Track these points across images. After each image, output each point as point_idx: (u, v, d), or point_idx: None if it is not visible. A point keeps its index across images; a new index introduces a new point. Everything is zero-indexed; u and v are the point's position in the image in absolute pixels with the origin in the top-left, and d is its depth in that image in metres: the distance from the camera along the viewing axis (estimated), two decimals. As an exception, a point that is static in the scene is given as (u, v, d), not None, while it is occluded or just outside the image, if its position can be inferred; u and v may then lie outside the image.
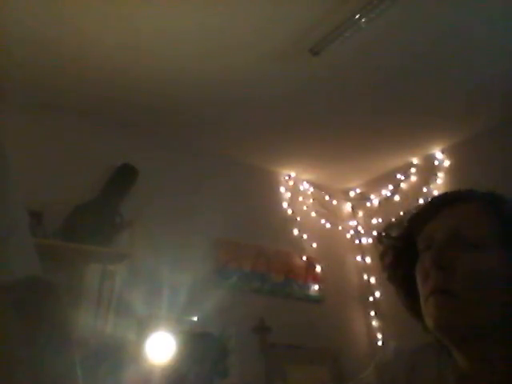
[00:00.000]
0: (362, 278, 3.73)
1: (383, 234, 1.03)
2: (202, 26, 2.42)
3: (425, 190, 3.50)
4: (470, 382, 0.88)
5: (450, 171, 3.46)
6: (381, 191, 3.78)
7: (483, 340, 0.85)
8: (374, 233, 3.71)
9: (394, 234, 1.02)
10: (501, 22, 2.50)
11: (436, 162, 3.52)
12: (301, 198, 3.78)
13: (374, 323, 3.59)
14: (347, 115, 3.16)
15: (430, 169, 3.54)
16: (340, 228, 3.86)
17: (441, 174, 3.48)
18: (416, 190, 3.55)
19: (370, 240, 3.77)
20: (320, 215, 3.80)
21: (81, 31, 2.41)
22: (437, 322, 0.86)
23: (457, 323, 0.85)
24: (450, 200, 0.96)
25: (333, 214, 3.86)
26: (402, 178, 3.68)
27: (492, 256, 0.87)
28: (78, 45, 2.48)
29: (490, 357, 0.85)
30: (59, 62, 2.58)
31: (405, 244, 0.99)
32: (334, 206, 3.92)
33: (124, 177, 2.88)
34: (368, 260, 3.75)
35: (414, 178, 3.63)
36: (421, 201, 3.44)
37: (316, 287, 3.52)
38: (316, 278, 3.55)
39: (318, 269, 3.59)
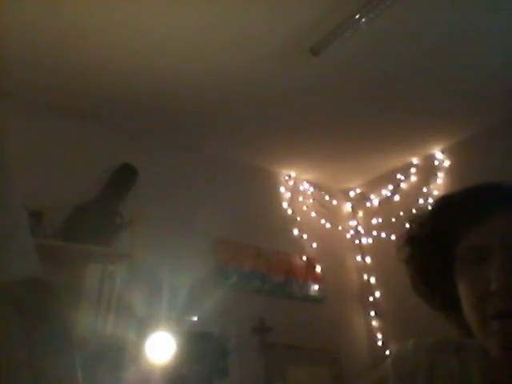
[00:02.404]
0: (362, 277, 3.73)
1: (411, 234, 0.95)
2: (202, 26, 2.42)
3: (425, 190, 3.50)
4: (499, 372, 0.86)
5: (450, 171, 3.46)
6: (381, 191, 3.78)
7: None
8: (375, 233, 3.71)
9: (421, 233, 0.93)
10: (500, 22, 2.50)
11: (436, 162, 3.52)
12: (301, 198, 3.78)
13: (374, 323, 3.59)
14: (347, 115, 3.16)
15: (430, 169, 3.54)
16: (340, 228, 3.86)
17: (441, 174, 3.48)
18: (416, 190, 3.55)
19: (370, 240, 3.77)
20: (320, 215, 3.80)
21: (81, 32, 2.41)
22: (505, 347, 0.81)
23: None
24: (498, 203, 0.86)
25: (333, 214, 3.86)
26: (402, 178, 3.68)
27: None
28: (77, 45, 2.48)
29: None
30: (59, 62, 2.58)
31: (436, 245, 0.91)
32: (334, 206, 3.92)
33: (124, 177, 2.88)
34: (368, 260, 3.75)
35: (414, 178, 3.63)
36: (421, 201, 3.44)
37: (316, 287, 3.52)
38: (316, 278, 3.55)
39: (318, 269, 3.59)
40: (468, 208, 0.87)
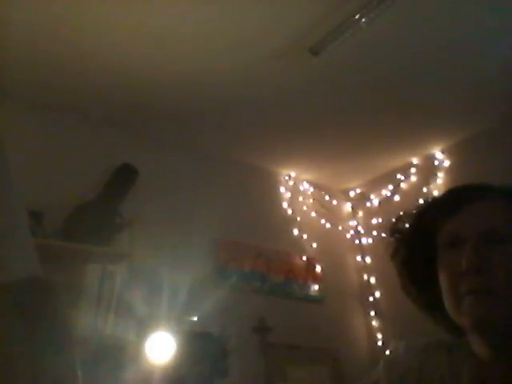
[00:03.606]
0: (362, 277, 3.73)
1: (395, 228, 1.02)
2: (202, 26, 2.42)
3: (425, 190, 3.50)
4: (487, 372, 0.88)
5: (450, 171, 3.46)
6: (381, 191, 3.78)
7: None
8: (375, 233, 3.71)
9: (405, 228, 1.01)
10: (500, 22, 2.50)
11: (436, 162, 3.52)
12: (301, 198, 3.78)
13: (374, 323, 3.59)
14: (347, 115, 3.16)
15: (430, 169, 3.54)
16: (340, 228, 3.86)
17: (441, 174, 3.48)
18: (416, 190, 3.55)
19: (370, 240, 3.77)
20: (320, 215, 3.80)
21: (81, 31, 2.41)
22: (474, 319, 0.86)
23: (496, 320, 0.86)
24: (471, 195, 0.95)
25: (333, 214, 3.86)
26: (402, 178, 3.68)
27: None
28: (77, 45, 2.48)
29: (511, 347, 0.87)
30: (59, 62, 2.57)
31: (419, 239, 0.98)
32: (334, 206, 3.92)
33: (124, 177, 2.88)
34: (368, 260, 3.75)
35: (414, 178, 3.63)
36: (421, 201, 3.43)
37: (316, 287, 3.52)
38: (316, 278, 3.55)
39: (318, 269, 3.59)
40: (445, 203, 0.97)
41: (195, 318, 2.61)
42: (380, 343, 3.51)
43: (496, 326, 0.86)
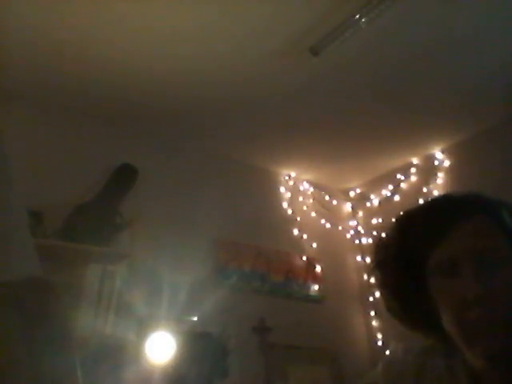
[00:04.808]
0: (362, 278, 3.73)
1: (378, 260, 0.96)
2: (202, 25, 2.42)
3: (425, 190, 3.50)
4: (483, 379, 0.88)
5: (449, 171, 3.46)
6: (381, 191, 3.78)
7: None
8: (374, 233, 3.71)
9: (387, 256, 0.94)
10: (500, 22, 2.50)
11: (436, 162, 3.52)
12: (301, 198, 3.78)
13: (374, 323, 3.59)
14: (347, 115, 3.16)
15: (430, 169, 3.54)
16: (340, 228, 3.86)
17: (441, 174, 3.48)
18: (416, 190, 3.55)
19: (370, 240, 3.77)
20: (320, 215, 3.80)
21: (81, 31, 2.41)
22: (488, 354, 0.84)
23: (507, 351, 0.84)
24: (454, 215, 0.89)
25: (333, 214, 3.86)
26: (402, 178, 3.68)
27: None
28: (77, 45, 2.48)
29: (508, 355, 0.85)
30: (59, 61, 2.58)
31: (405, 264, 0.92)
32: (334, 206, 3.91)
33: (124, 177, 2.88)
34: (368, 260, 3.75)
35: (414, 178, 3.63)
36: (421, 201, 3.43)
37: (316, 287, 3.52)
38: (316, 278, 3.55)
39: (318, 269, 3.59)
40: (430, 223, 0.89)
41: (195, 318, 2.61)
42: (380, 343, 3.51)
43: (506, 358, 0.84)
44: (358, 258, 3.79)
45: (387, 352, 1.04)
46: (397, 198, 3.67)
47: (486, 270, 0.84)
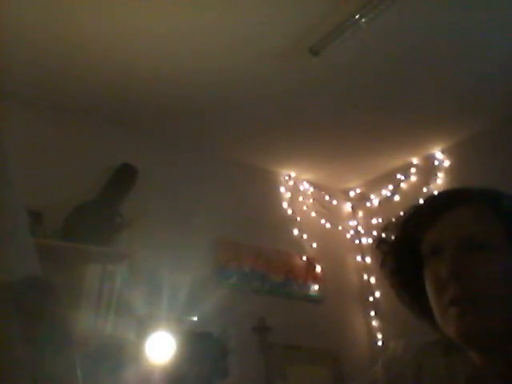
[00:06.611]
0: (362, 277, 3.73)
1: (381, 239, 1.02)
2: (202, 25, 2.42)
3: (425, 190, 3.49)
4: (482, 377, 0.89)
5: (450, 171, 3.46)
6: (381, 191, 3.78)
7: (502, 339, 0.86)
8: (374, 233, 3.71)
9: (392, 238, 1.01)
10: (500, 22, 2.50)
11: (436, 162, 3.52)
12: (301, 198, 3.77)
13: (374, 323, 3.59)
14: (347, 115, 3.16)
15: (430, 169, 3.53)
16: (340, 228, 3.86)
17: (441, 174, 3.48)
18: (416, 190, 3.54)
19: (370, 240, 3.76)
20: (320, 215, 3.80)
21: (81, 31, 2.41)
22: (459, 332, 0.86)
23: (479, 330, 0.86)
24: (450, 202, 0.95)
25: (333, 214, 3.86)
26: (402, 178, 3.68)
27: (502, 255, 0.88)
28: (77, 44, 2.48)
29: (506, 353, 0.87)
30: (59, 61, 2.58)
31: (406, 248, 0.98)
32: (334, 205, 3.91)
33: (124, 177, 2.88)
34: (368, 260, 3.75)
35: (414, 178, 3.63)
36: (421, 201, 3.43)
37: (316, 287, 3.52)
38: (316, 278, 3.55)
39: (318, 269, 3.59)
40: (426, 212, 0.98)
41: (195, 318, 2.61)
42: (380, 343, 3.51)
43: (480, 337, 0.86)
44: (358, 258, 3.79)
45: (387, 349, 1.05)
46: (397, 198, 3.67)
47: (465, 252, 0.88)
